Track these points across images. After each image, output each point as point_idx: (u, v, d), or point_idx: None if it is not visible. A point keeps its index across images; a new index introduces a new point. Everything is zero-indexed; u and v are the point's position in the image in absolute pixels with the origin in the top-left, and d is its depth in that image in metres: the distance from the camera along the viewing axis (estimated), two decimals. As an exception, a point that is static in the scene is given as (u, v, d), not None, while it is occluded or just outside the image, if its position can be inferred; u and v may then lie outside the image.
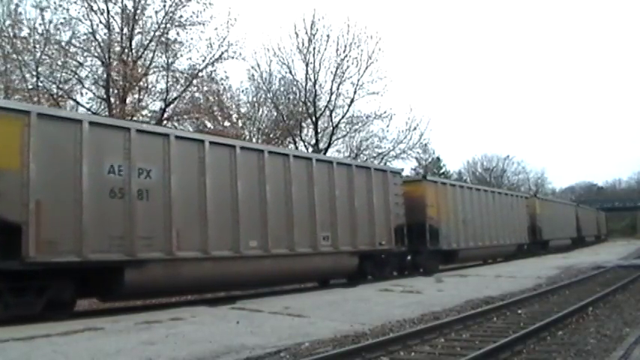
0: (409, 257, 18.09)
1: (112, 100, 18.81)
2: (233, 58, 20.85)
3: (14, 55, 17.13)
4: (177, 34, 19.82)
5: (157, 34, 19.42)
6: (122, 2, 18.73)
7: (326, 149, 28.57)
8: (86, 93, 19.37)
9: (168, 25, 19.52)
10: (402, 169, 20.63)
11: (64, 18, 17.98)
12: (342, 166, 15.32)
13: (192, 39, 20.01)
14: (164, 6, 19.13)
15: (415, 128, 30.39)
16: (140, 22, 19.25)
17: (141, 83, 19.16)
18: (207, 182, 11.14)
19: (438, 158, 50.46)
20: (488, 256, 24.78)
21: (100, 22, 18.63)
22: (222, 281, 11.83)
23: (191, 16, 19.53)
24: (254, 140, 26.17)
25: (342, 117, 28.75)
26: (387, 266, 16.63)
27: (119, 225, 9.57)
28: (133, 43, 19.31)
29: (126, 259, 9.60)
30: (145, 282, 9.97)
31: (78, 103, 19.29)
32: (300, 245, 13.21)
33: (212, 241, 11.03)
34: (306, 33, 27.13)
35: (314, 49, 27.22)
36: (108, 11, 18.56)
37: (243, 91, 26.62)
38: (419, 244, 18.18)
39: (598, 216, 56.57)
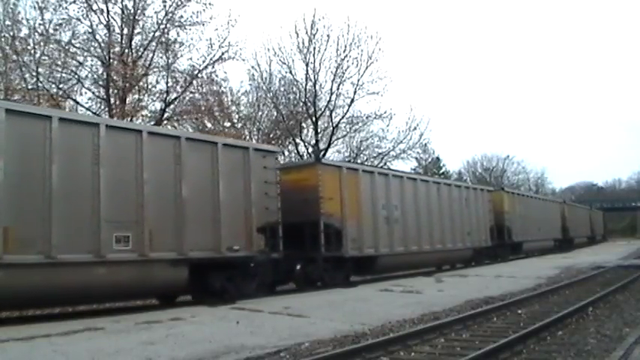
0: (299, 267, 13.87)
1: (112, 100, 18.81)
2: (233, 58, 20.88)
3: (14, 56, 17.12)
4: (177, 34, 19.86)
5: (157, 34, 19.44)
6: (122, 2, 18.76)
7: (326, 149, 28.61)
8: (86, 93, 19.41)
9: (168, 26, 19.53)
10: (281, 150, 16.06)
11: (64, 18, 18.01)
12: (160, 137, 10.91)
13: (192, 39, 20.04)
14: (164, 6, 19.17)
15: (415, 128, 30.44)
16: (140, 22, 19.28)
17: (141, 83, 19.16)
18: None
19: (438, 158, 50.55)
20: (427, 263, 19.36)
21: (100, 22, 18.67)
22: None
23: (191, 17, 19.55)
24: (253, 140, 26.21)
25: (342, 117, 28.80)
26: (253, 279, 12.17)
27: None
28: (133, 43, 19.32)
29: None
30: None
31: (78, 103, 19.32)
32: (70, 248, 9.05)
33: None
34: (307, 33, 27.17)
35: (314, 49, 27.26)
36: (108, 11, 18.59)
37: (243, 92, 26.67)
38: (312, 249, 13.95)
39: (592, 215, 51.66)
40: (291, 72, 27.66)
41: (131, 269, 9.95)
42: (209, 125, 22.13)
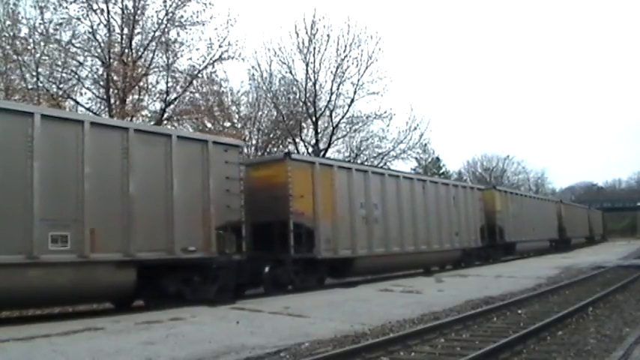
0: (267, 269, 12.88)
1: (112, 100, 18.84)
2: (233, 58, 20.92)
3: (14, 56, 17.13)
4: (178, 34, 19.91)
5: (157, 34, 19.48)
6: (122, 2, 18.79)
7: (326, 149, 28.62)
8: (86, 93, 19.44)
9: (168, 25, 19.58)
10: (244, 144, 14.71)
11: (64, 18, 18.03)
12: (104, 129, 10.01)
13: (192, 39, 20.08)
14: (164, 6, 19.19)
15: (415, 128, 30.45)
16: (140, 22, 19.32)
17: (141, 83, 19.18)
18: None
19: (438, 158, 50.55)
20: (411, 265, 18.54)
21: (100, 22, 18.72)
22: None
23: (191, 16, 19.60)
24: (254, 141, 26.25)
25: (342, 117, 28.85)
26: (214, 282, 11.37)
27: None
28: (133, 43, 19.36)
29: None
30: None
31: (78, 103, 19.35)
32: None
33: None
34: (307, 33, 27.23)
35: (314, 49, 27.32)
36: (108, 11, 18.64)
37: (244, 92, 26.69)
38: (281, 250, 13.14)
39: (591, 215, 50.40)
40: (291, 72, 27.75)
41: (70, 271, 9.10)
42: (209, 125, 22.15)
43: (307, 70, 27.49)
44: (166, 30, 19.55)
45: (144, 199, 10.12)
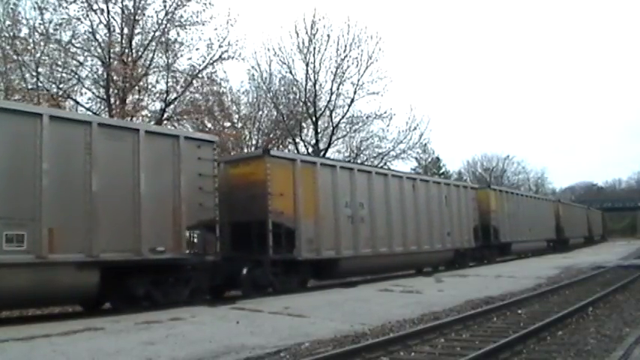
0: (245, 271, 12.22)
1: (112, 100, 18.83)
2: (233, 58, 20.90)
3: (14, 56, 17.14)
4: (178, 34, 19.88)
5: (157, 34, 19.46)
6: (122, 2, 18.78)
7: (326, 149, 28.64)
8: (86, 93, 19.45)
9: (168, 25, 19.56)
10: (219, 139, 14.63)
11: (64, 18, 18.03)
12: (65, 123, 9.50)
13: (192, 39, 20.06)
14: (164, 6, 19.19)
15: (415, 128, 30.46)
16: (140, 22, 19.30)
17: (141, 83, 19.18)
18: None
19: (438, 158, 50.59)
20: (400, 266, 18.08)
21: (100, 22, 18.70)
22: None
23: (191, 16, 19.58)
24: (254, 141, 26.26)
25: (342, 117, 28.85)
26: (186, 284, 10.94)
27: None
28: (133, 43, 19.34)
29: None
30: None
31: (78, 103, 19.35)
32: None
33: None
34: (307, 33, 27.23)
35: (314, 49, 27.33)
36: (108, 11, 18.62)
37: (243, 92, 26.69)
38: (259, 251, 12.56)
39: (590, 214, 49.73)
40: (291, 72, 27.75)
41: (27, 273, 8.61)
42: (209, 125, 22.15)
43: (307, 70, 27.55)
44: (166, 30, 19.57)
45: (108, 197, 9.62)
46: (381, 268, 16.97)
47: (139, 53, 19.47)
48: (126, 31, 19.08)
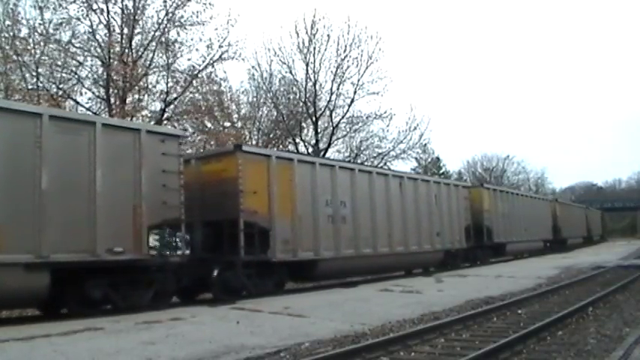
0: (216, 272, 11.61)
1: (112, 100, 18.85)
2: (233, 58, 20.93)
3: (14, 56, 17.15)
4: (178, 34, 19.93)
5: (157, 34, 19.49)
6: (122, 2, 18.80)
7: (326, 149, 28.65)
8: (86, 93, 19.47)
9: (168, 25, 19.59)
10: (187, 134, 13.49)
11: (64, 18, 18.07)
12: (11, 115, 8.83)
13: (192, 39, 20.08)
14: (164, 6, 19.20)
15: (415, 128, 30.44)
16: (140, 22, 19.33)
17: (141, 83, 19.19)
18: None
19: (438, 158, 50.58)
20: (385, 268, 17.35)
21: (100, 22, 18.75)
22: None
23: (191, 16, 19.61)
24: (254, 141, 26.24)
25: (342, 117, 28.88)
26: (149, 287, 10.37)
27: None
28: (133, 43, 19.37)
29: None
30: None
31: (78, 103, 19.36)
32: None
33: None
34: (307, 33, 27.25)
35: (314, 49, 27.35)
36: (108, 11, 18.67)
37: (243, 91, 26.70)
38: (231, 252, 11.89)
39: (589, 214, 49.13)
40: (291, 72, 27.77)
41: None
42: (209, 125, 22.16)
43: (307, 70, 27.57)
44: (166, 30, 19.60)
45: (60, 194, 8.99)
46: (365, 269, 16.17)
47: (139, 53, 19.50)
48: (126, 31, 19.11)
